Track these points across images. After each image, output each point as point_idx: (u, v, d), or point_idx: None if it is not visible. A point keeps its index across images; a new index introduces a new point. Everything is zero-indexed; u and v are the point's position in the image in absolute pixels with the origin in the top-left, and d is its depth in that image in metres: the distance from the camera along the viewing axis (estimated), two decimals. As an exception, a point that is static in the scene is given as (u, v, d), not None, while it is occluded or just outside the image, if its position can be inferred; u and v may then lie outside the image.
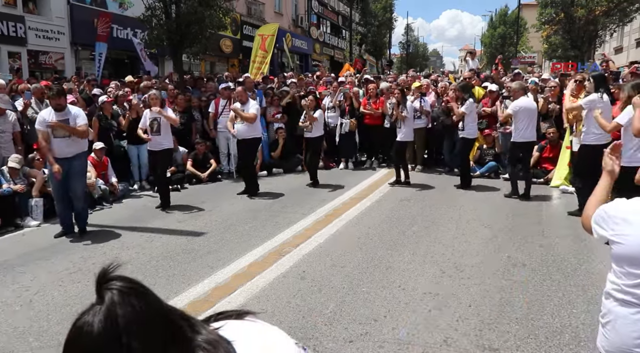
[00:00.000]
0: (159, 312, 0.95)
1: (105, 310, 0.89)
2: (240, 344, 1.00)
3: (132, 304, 0.90)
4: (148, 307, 0.93)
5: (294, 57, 28.64)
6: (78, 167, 6.41)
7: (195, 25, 13.38)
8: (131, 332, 0.88)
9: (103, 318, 0.89)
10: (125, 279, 0.94)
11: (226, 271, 5.08)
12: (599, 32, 26.16)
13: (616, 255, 1.96)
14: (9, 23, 14.67)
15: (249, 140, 8.47)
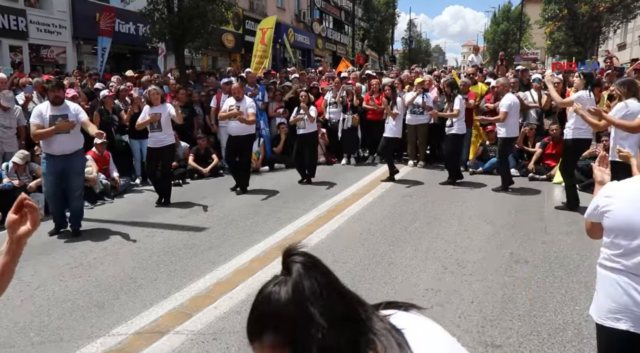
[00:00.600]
0: (339, 290, 1.04)
1: (292, 281, 1.00)
2: (409, 334, 1.05)
3: (315, 278, 1.01)
4: (330, 282, 1.03)
5: (296, 53, 28.60)
6: (77, 164, 6.31)
7: (198, 19, 13.33)
8: (315, 301, 0.98)
9: (291, 288, 0.99)
10: (309, 255, 1.06)
11: (228, 266, 5.07)
12: (603, 28, 26.05)
13: (605, 228, 2.26)
14: (10, 16, 14.64)
15: (243, 137, 8.36)
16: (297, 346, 0.97)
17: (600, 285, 2.35)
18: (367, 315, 1.04)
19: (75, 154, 6.24)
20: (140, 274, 4.92)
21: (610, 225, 2.22)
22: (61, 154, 6.11)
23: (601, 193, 2.29)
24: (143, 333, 3.72)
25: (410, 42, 59.84)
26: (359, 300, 1.07)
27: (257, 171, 10.32)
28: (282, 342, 0.98)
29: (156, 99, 7.57)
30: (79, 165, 6.38)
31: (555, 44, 29.62)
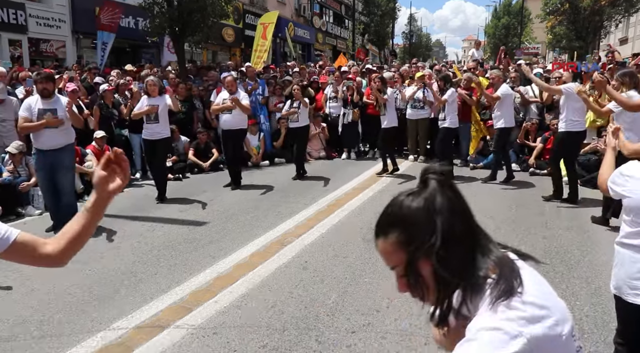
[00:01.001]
0: (466, 212, 1.17)
1: (427, 193, 1.14)
2: (522, 271, 1.15)
3: (448, 195, 1.14)
4: (459, 203, 1.16)
5: (296, 47, 28.52)
6: (67, 160, 6.11)
7: (197, 13, 13.27)
8: (442, 215, 1.11)
9: (424, 198, 1.13)
10: (446, 176, 1.17)
11: (228, 261, 5.06)
12: (605, 22, 25.95)
13: (626, 207, 2.44)
14: (9, 10, 14.59)
15: (235, 132, 8.30)
16: (415, 250, 1.11)
17: (619, 261, 2.51)
18: (487, 242, 1.17)
19: (64, 149, 6.05)
20: (141, 268, 4.91)
21: (630, 205, 2.40)
22: (50, 148, 5.95)
23: (622, 170, 2.45)
24: (143, 328, 3.72)
25: (410, 36, 59.65)
26: (482, 229, 1.19)
27: (258, 166, 10.31)
28: (402, 244, 1.13)
29: (153, 90, 7.44)
30: (68, 161, 6.16)
31: (557, 38, 29.53)
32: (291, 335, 3.57)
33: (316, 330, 3.62)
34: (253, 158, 10.40)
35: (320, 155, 11.25)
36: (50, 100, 5.94)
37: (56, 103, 5.97)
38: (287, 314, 3.87)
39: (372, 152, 11.49)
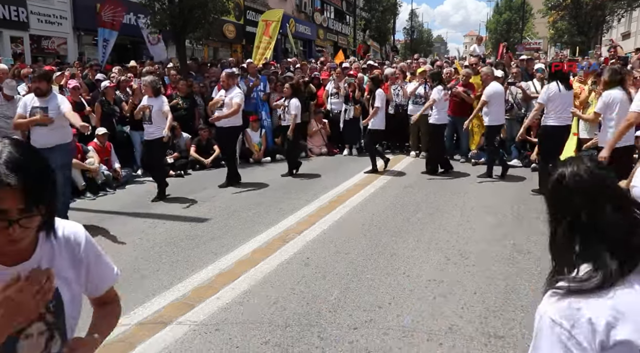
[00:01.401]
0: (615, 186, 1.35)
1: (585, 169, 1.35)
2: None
3: (600, 174, 1.34)
4: (611, 178, 1.34)
5: (297, 43, 28.47)
6: (59, 159, 5.83)
7: (198, 9, 13.25)
8: (606, 186, 1.32)
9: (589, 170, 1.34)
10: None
11: (230, 257, 5.07)
12: (607, 17, 25.85)
13: None
14: (10, 7, 14.57)
15: (228, 129, 8.22)
16: (583, 217, 1.30)
17: None
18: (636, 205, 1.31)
19: (56, 148, 5.90)
20: (143, 265, 4.92)
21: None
22: (42, 146, 5.73)
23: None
24: (146, 324, 3.73)
25: (412, 32, 59.53)
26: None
27: (259, 162, 10.31)
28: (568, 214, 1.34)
29: (146, 91, 7.39)
30: (60, 160, 5.90)
31: (559, 33, 29.48)
32: (293, 331, 3.57)
33: (318, 326, 3.62)
34: (255, 154, 10.40)
35: (322, 152, 11.24)
36: (45, 98, 5.88)
37: (49, 101, 5.88)
38: (289, 310, 3.87)
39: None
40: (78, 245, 1.48)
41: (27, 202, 1.19)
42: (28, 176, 1.20)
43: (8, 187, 1.16)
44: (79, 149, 8.06)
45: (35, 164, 1.24)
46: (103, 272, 1.63)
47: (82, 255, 1.49)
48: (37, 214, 1.23)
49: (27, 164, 1.22)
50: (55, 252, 1.41)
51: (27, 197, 1.19)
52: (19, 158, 1.21)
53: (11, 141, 1.26)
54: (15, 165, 1.19)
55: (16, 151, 1.22)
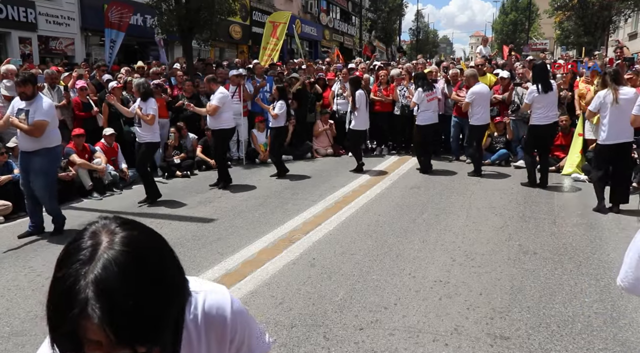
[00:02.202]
0: None
1: None
2: None
3: None
4: None
5: (303, 44, 28.49)
6: (37, 164, 5.77)
7: (205, 11, 13.31)
8: None
9: None
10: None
11: (236, 258, 5.09)
12: (613, 17, 25.72)
13: None
14: (19, 8, 14.69)
15: (215, 132, 8.32)
16: None
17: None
18: None
19: (34, 153, 5.78)
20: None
21: None
22: (24, 150, 5.86)
23: None
24: (153, 324, 3.74)
25: (417, 33, 59.47)
26: None
27: (265, 162, 10.33)
28: None
29: (135, 93, 7.43)
30: (39, 165, 5.79)
31: (565, 33, 29.36)
32: (299, 331, 3.59)
33: (324, 327, 3.64)
34: (260, 155, 10.43)
35: (328, 152, 11.26)
36: (30, 101, 5.69)
37: (32, 105, 5.68)
38: (295, 311, 3.89)
39: (379, 149, 11.48)
40: (223, 324, 1.15)
41: (119, 340, 0.82)
42: (126, 316, 0.81)
43: (91, 318, 0.81)
44: (86, 149, 8.12)
45: (141, 288, 0.84)
46: (254, 349, 1.28)
47: (228, 335, 1.18)
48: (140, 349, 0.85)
49: (128, 288, 0.82)
50: (192, 340, 1.11)
51: (119, 336, 0.81)
52: (119, 275, 0.83)
53: (124, 235, 0.88)
54: (109, 289, 0.81)
55: (120, 260, 0.84)
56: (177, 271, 0.96)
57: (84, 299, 0.80)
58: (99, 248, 0.85)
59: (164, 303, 0.87)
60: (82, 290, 0.81)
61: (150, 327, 0.84)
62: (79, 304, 0.81)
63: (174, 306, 0.90)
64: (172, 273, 0.93)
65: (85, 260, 0.84)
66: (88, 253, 0.84)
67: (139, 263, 0.86)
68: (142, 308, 0.82)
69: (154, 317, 0.84)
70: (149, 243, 0.92)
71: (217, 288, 1.18)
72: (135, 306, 0.82)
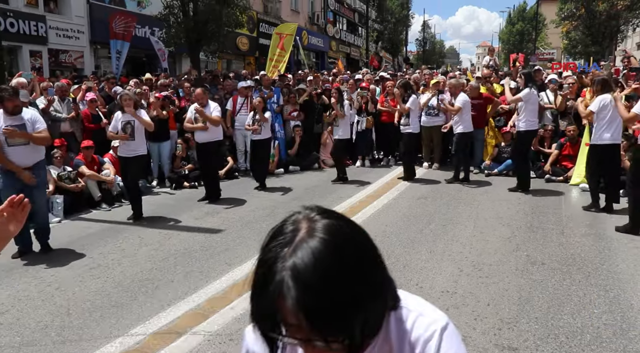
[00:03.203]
0: None
1: None
2: None
3: None
4: None
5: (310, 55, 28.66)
6: (38, 177, 5.66)
7: (213, 23, 13.46)
8: None
9: None
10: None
11: (244, 268, 5.10)
12: (621, 27, 25.70)
13: None
14: (30, 23, 14.93)
15: (209, 144, 8.03)
16: None
17: None
18: None
19: (35, 166, 5.65)
20: (158, 275, 4.97)
21: None
22: (24, 166, 5.55)
23: None
24: (161, 334, 3.77)
25: (424, 43, 59.67)
26: None
27: (272, 173, 10.36)
28: None
29: (128, 105, 6.97)
30: (40, 178, 5.71)
31: (572, 43, 29.32)
32: (307, 342, 3.58)
33: (331, 337, 3.63)
34: (268, 166, 10.46)
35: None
36: (17, 115, 5.50)
37: (22, 118, 5.53)
38: (302, 321, 3.89)
39: (386, 159, 11.49)
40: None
41: (310, 325, 0.85)
42: (319, 303, 0.84)
43: (289, 303, 0.85)
44: (95, 160, 8.19)
45: (334, 276, 0.86)
46: None
47: None
48: (334, 338, 0.88)
49: (322, 275, 0.85)
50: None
51: (313, 321, 0.85)
52: (315, 261, 0.86)
53: (324, 223, 0.92)
54: (304, 273, 0.85)
55: (317, 246, 0.88)
56: (374, 267, 0.96)
57: (280, 280, 0.86)
58: (299, 234, 0.90)
59: (356, 294, 0.88)
60: (279, 271, 0.86)
61: (340, 316, 0.86)
62: (276, 285, 0.86)
63: (368, 301, 0.90)
64: (368, 267, 0.94)
65: (285, 243, 0.90)
66: (288, 238, 0.91)
67: (335, 251, 0.88)
68: (333, 296, 0.85)
69: (345, 306, 0.86)
70: (347, 234, 0.94)
71: (433, 315, 1.07)
72: (328, 293, 0.84)
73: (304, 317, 0.85)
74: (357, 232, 0.97)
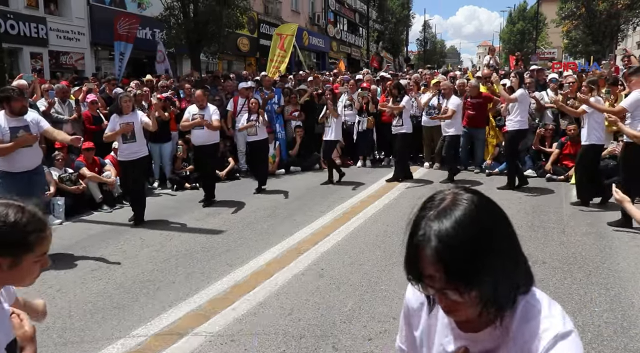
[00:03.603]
0: None
1: None
2: None
3: None
4: None
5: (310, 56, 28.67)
6: (40, 180, 5.65)
7: (213, 24, 13.47)
8: None
9: None
10: None
11: (245, 269, 5.11)
12: (622, 26, 25.67)
13: None
14: (31, 24, 14.94)
15: (209, 147, 7.95)
16: None
17: None
18: None
19: (36, 169, 5.57)
20: (159, 277, 4.98)
21: None
22: (23, 170, 5.41)
23: None
24: (162, 335, 3.77)
25: (425, 43, 59.64)
26: None
27: (274, 174, 10.37)
28: None
29: (127, 107, 6.84)
30: (41, 181, 5.70)
31: (573, 42, 29.31)
32: (308, 342, 3.59)
33: (333, 337, 3.64)
34: (269, 166, 10.46)
35: (336, 163, 11.27)
36: (21, 117, 5.43)
37: (26, 120, 5.45)
38: (304, 321, 3.90)
39: (387, 159, 11.49)
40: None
41: (447, 275, 1.04)
42: (454, 254, 1.03)
43: (427, 253, 1.05)
44: (96, 162, 8.20)
45: (469, 238, 1.04)
46: None
47: None
48: (464, 291, 1.04)
49: (459, 234, 1.04)
50: (504, 342, 1.13)
51: (447, 272, 1.03)
52: (454, 222, 1.05)
53: (467, 196, 1.12)
54: (443, 230, 1.05)
55: (457, 211, 1.07)
56: (507, 239, 1.12)
57: (423, 234, 1.07)
58: (444, 202, 1.11)
59: (487, 256, 1.04)
60: (424, 227, 1.07)
61: (472, 271, 1.03)
62: (419, 237, 1.07)
63: (497, 265, 1.05)
64: (501, 237, 1.10)
65: (431, 208, 1.11)
66: (435, 204, 1.11)
67: (474, 217, 1.07)
68: (467, 253, 1.03)
69: (477, 264, 1.03)
70: (486, 205, 1.13)
71: (558, 321, 1.12)
72: (462, 250, 1.03)
73: (441, 268, 1.03)
74: (496, 208, 1.14)
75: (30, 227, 1.44)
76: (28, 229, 1.43)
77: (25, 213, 1.43)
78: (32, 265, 1.51)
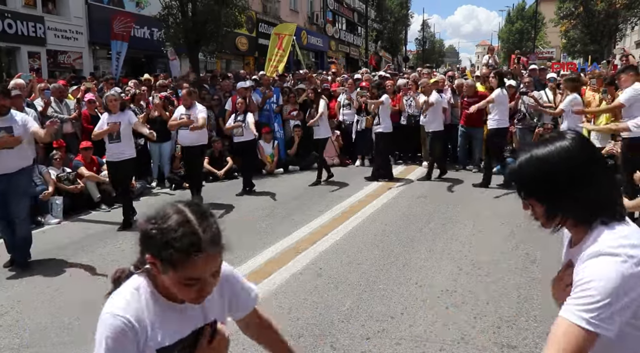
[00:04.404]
0: None
1: None
2: None
3: None
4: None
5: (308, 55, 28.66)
6: (22, 185, 5.28)
7: (212, 23, 13.45)
8: None
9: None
10: None
11: (243, 269, 5.10)
12: (620, 25, 25.70)
13: None
14: (29, 23, 14.91)
15: (194, 148, 7.77)
16: None
17: None
18: None
19: (19, 172, 5.21)
20: (157, 276, 4.96)
21: None
22: (2, 173, 5.10)
23: None
24: (160, 334, 3.76)
25: (423, 42, 59.67)
26: None
27: (272, 173, 10.37)
28: None
29: (114, 106, 6.66)
30: (23, 186, 5.31)
31: (571, 42, 29.33)
32: (306, 341, 3.59)
33: (331, 337, 3.64)
34: (267, 166, 10.46)
35: (334, 162, 11.27)
36: (5, 117, 5.13)
37: (11, 120, 5.16)
38: (302, 320, 3.90)
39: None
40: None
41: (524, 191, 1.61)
42: (523, 178, 1.59)
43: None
44: (94, 161, 8.19)
45: (558, 166, 1.45)
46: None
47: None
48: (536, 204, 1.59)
49: (547, 161, 1.47)
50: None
51: (523, 189, 1.63)
52: (549, 151, 1.47)
53: (575, 136, 1.49)
54: (535, 155, 1.49)
55: (558, 145, 1.45)
56: (583, 178, 1.41)
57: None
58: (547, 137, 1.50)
59: (562, 182, 1.43)
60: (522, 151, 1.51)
61: (545, 189, 1.47)
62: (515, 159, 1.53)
63: (568, 193, 1.43)
64: (580, 174, 1.41)
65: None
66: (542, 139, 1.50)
67: (567, 148, 1.42)
68: (533, 180, 1.51)
69: (543, 187, 1.48)
70: (584, 145, 1.44)
71: (614, 244, 1.33)
72: (530, 176, 1.51)
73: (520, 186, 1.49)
74: (594, 150, 1.46)
75: None
76: None
77: None
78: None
